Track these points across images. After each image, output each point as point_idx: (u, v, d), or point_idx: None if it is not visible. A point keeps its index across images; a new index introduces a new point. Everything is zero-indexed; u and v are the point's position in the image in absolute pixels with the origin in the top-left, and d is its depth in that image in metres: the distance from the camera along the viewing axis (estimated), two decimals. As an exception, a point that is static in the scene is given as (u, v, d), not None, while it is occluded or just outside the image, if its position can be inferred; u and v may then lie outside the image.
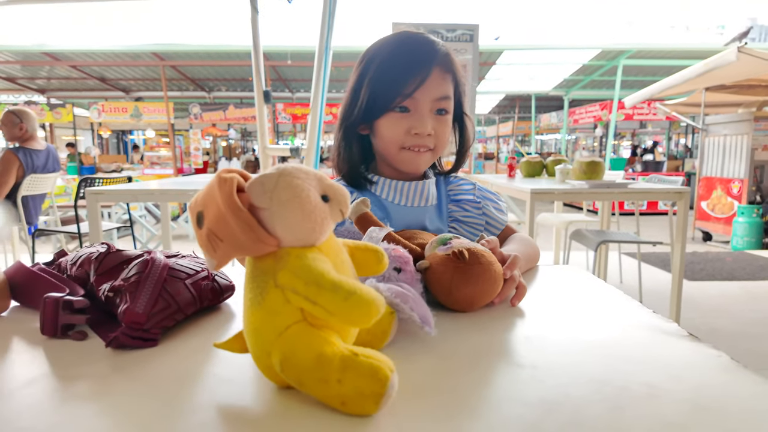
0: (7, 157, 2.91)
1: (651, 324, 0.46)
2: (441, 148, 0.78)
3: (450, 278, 0.48)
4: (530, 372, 0.36)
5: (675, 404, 0.32)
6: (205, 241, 0.31)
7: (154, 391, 0.34)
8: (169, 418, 0.30)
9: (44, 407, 0.32)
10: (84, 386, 0.35)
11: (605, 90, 9.71)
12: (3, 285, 0.50)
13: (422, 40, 0.76)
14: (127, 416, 0.30)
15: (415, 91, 0.72)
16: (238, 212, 0.29)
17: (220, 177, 0.31)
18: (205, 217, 0.31)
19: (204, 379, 0.36)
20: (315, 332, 0.31)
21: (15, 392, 0.34)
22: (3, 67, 8.26)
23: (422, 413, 0.31)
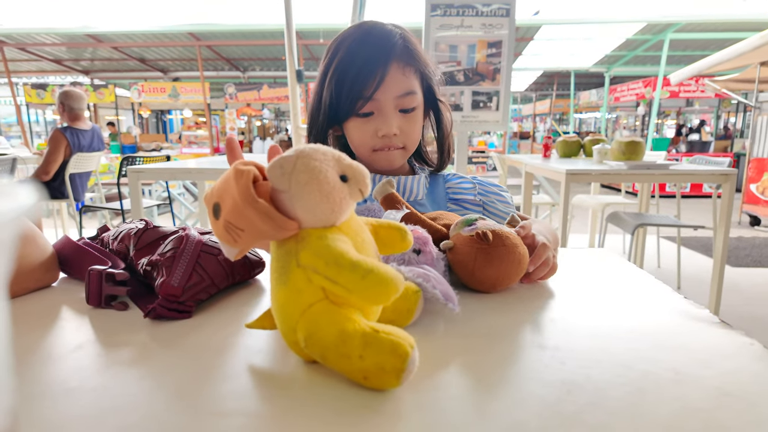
0: (55, 137, 3.05)
1: (682, 310, 0.45)
2: (412, 144, 0.76)
3: (473, 259, 0.48)
4: (552, 353, 0.36)
5: (701, 390, 0.31)
6: (223, 231, 0.32)
7: (190, 359, 0.36)
8: (204, 384, 0.32)
9: (90, 370, 0.34)
10: (125, 353, 0.37)
11: (649, 66, 9.25)
12: (52, 258, 0.53)
13: (377, 35, 0.72)
14: (165, 381, 0.33)
15: (375, 93, 0.70)
16: (255, 204, 0.30)
17: (237, 169, 0.31)
18: (222, 208, 0.32)
19: (236, 349, 0.37)
20: (337, 310, 0.32)
21: (64, 356, 0.36)
22: (50, 49, 8.58)
23: (442, 389, 0.32)
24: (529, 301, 0.49)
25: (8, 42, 7.98)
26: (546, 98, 13.63)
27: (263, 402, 0.30)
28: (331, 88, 0.72)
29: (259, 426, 0.28)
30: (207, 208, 0.34)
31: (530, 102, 14.64)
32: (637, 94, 8.84)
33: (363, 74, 0.70)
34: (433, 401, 0.30)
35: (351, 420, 0.28)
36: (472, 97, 3.63)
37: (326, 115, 0.75)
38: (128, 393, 0.31)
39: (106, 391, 0.32)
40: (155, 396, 0.31)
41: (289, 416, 0.29)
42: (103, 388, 0.32)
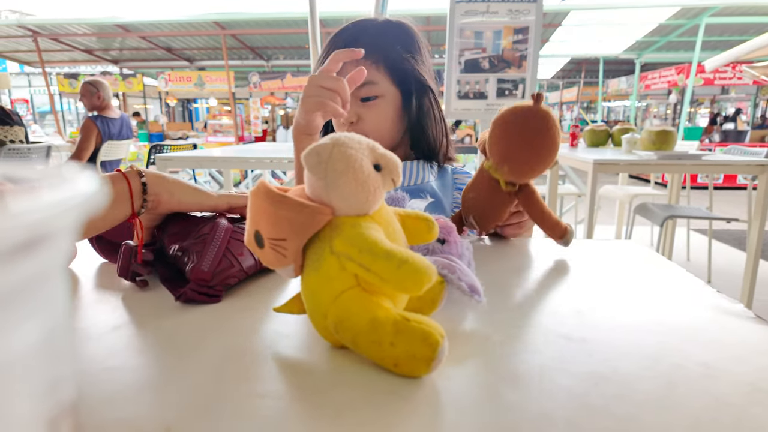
0: (87, 125, 3.14)
1: (714, 304, 0.44)
2: (375, 132, 0.79)
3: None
4: (579, 345, 0.36)
5: (732, 385, 0.31)
6: (271, 254, 0.33)
7: (220, 342, 0.37)
8: (234, 366, 0.33)
9: (128, 350, 0.36)
10: (159, 335, 0.38)
11: (683, 52, 8.91)
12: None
13: (345, 29, 0.78)
14: (196, 363, 0.34)
15: None
16: (283, 199, 0.31)
17: (252, 191, 0.33)
18: (261, 233, 0.33)
19: (264, 333, 0.38)
20: (368, 297, 0.33)
21: (103, 336, 0.38)
22: (81, 39, 8.80)
23: (470, 379, 0.32)
24: (554, 292, 0.49)
25: (42, 32, 8.20)
26: (573, 86, 13.31)
27: (291, 385, 0.31)
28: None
29: (290, 407, 0.29)
30: (251, 247, 0.34)
31: (557, 90, 14.32)
32: (669, 82, 8.56)
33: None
34: (462, 390, 0.31)
35: (380, 403, 0.29)
36: (497, 84, 3.57)
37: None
38: (162, 373, 0.33)
39: (143, 371, 0.33)
40: (187, 376, 0.32)
41: (315, 399, 0.30)
42: (140, 367, 0.34)
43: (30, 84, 13.88)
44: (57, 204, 0.11)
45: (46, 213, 0.11)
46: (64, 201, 0.11)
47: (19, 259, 0.11)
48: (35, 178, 0.14)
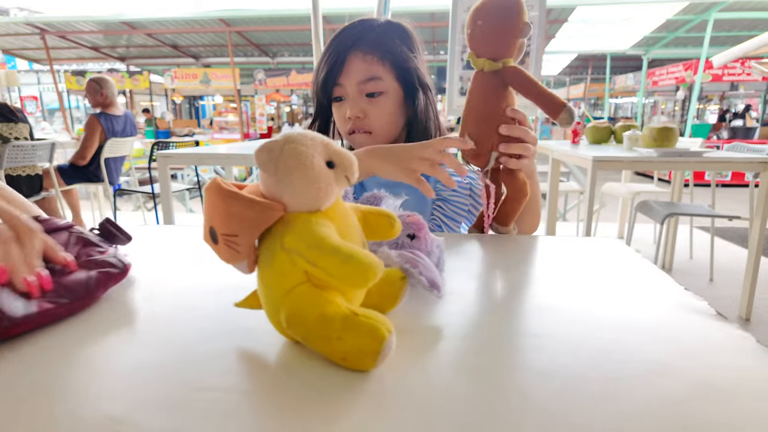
0: (91, 122, 3.17)
1: (679, 301, 0.44)
2: (379, 128, 0.83)
3: None
4: (532, 341, 0.36)
5: (681, 381, 0.31)
6: (225, 249, 0.34)
7: (179, 336, 0.37)
8: (189, 360, 0.34)
9: (83, 342, 0.37)
10: (121, 328, 0.39)
11: (691, 48, 8.80)
12: None
13: (349, 27, 0.80)
14: (152, 355, 0.34)
15: (338, 78, 0.79)
16: (234, 195, 0.32)
17: (206, 187, 0.33)
18: (215, 229, 0.33)
19: (224, 327, 0.39)
20: (319, 293, 0.33)
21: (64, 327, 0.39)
22: (88, 36, 8.86)
23: (418, 372, 0.32)
24: (521, 288, 0.49)
25: (49, 30, 8.27)
26: (580, 82, 13.21)
27: (243, 378, 0.32)
28: (315, 77, 0.84)
29: (236, 401, 0.29)
30: (207, 241, 0.35)
31: (564, 86, 14.21)
32: (676, 78, 8.47)
33: (330, 62, 0.79)
34: (410, 383, 0.31)
35: (327, 397, 0.29)
36: (500, 81, 3.53)
37: (317, 104, 0.86)
38: (116, 367, 0.33)
39: (95, 363, 0.34)
40: (141, 370, 0.33)
41: (267, 392, 0.30)
42: (93, 359, 0.34)
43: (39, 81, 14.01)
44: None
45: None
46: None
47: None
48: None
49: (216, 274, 0.51)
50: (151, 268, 0.55)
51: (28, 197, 2.75)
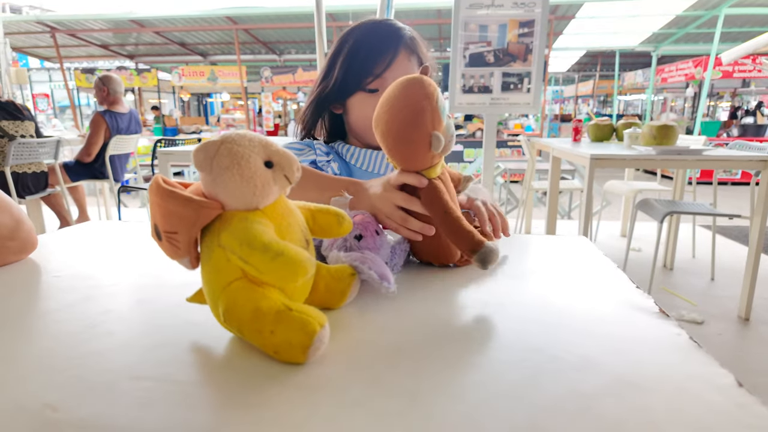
0: (96, 120, 3.21)
1: (625, 299, 0.45)
2: None
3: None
4: (468, 334, 0.38)
5: (598, 376, 0.32)
6: (168, 246, 0.35)
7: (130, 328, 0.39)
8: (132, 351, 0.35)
9: (37, 334, 0.38)
10: (75, 319, 0.41)
11: (702, 44, 8.68)
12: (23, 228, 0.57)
13: (390, 25, 0.82)
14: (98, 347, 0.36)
15: (384, 71, 0.79)
16: (171, 194, 0.33)
17: (149, 186, 0.35)
18: (158, 226, 0.35)
19: (175, 321, 0.40)
20: (254, 288, 0.34)
21: (41, 318, 0.41)
22: (98, 35, 8.95)
23: (349, 364, 0.34)
24: (472, 284, 0.50)
25: (60, 29, 8.37)
26: (589, 79, 13.09)
27: (179, 369, 0.33)
28: (345, 66, 0.81)
29: (163, 389, 0.30)
30: (154, 241, 0.36)
31: (572, 83, 14.09)
32: (686, 75, 8.36)
33: (375, 53, 0.79)
34: (339, 376, 0.32)
35: (254, 389, 0.31)
36: (502, 78, 3.55)
37: (334, 89, 0.83)
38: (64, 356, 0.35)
39: (48, 353, 0.35)
40: (86, 360, 0.34)
41: (198, 383, 0.31)
42: (49, 350, 0.36)
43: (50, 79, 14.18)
44: None
45: None
46: None
47: None
48: None
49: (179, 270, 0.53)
50: (113, 264, 0.57)
51: (33, 194, 2.80)
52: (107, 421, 0.28)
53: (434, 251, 0.54)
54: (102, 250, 0.63)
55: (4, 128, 2.61)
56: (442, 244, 0.53)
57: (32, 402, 0.29)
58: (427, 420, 0.27)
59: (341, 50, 0.82)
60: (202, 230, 0.35)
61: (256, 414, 0.28)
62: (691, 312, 2.17)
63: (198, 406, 0.29)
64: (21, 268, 0.55)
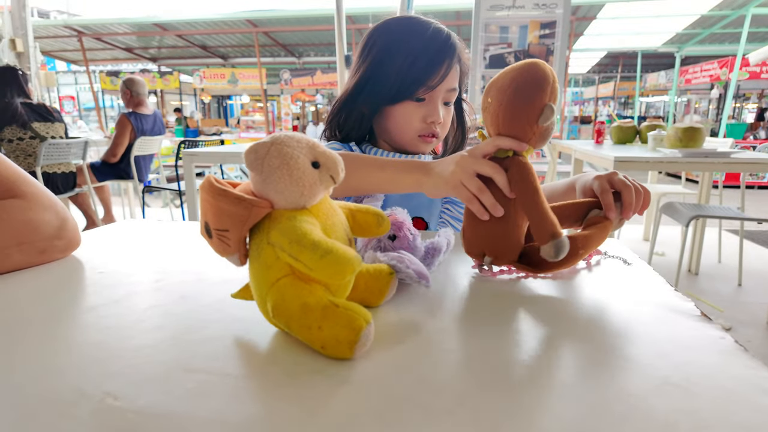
0: (121, 121, 3.29)
1: (666, 302, 0.45)
2: (444, 134, 0.85)
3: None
4: (510, 334, 0.38)
5: (643, 378, 0.32)
6: (218, 243, 0.36)
7: (178, 323, 0.40)
8: (184, 344, 0.36)
9: (94, 329, 0.40)
10: (128, 317, 0.42)
11: (727, 45, 8.49)
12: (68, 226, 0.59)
13: (440, 32, 0.79)
14: (151, 339, 0.37)
15: (439, 83, 0.77)
16: (223, 192, 0.34)
17: (201, 185, 0.36)
18: (209, 224, 0.36)
19: (220, 315, 0.42)
20: (301, 285, 0.35)
21: (78, 316, 0.42)
22: (122, 38, 9.16)
23: (394, 361, 0.34)
24: (508, 285, 0.50)
25: (86, 32, 8.58)
26: (610, 81, 12.90)
27: (229, 362, 0.34)
28: (395, 73, 0.77)
29: (216, 381, 0.32)
30: (204, 238, 0.38)
31: (593, 85, 13.91)
32: (711, 76, 8.19)
33: (431, 66, 0.76)
34: (385, 372, 0.33)
35: (303, 383, 0.32)
36: (522, 80, 3.50)
37: (374, 93, 0.80)
38: (117, 348, 0.36)
39: (100, 345, 0.37)
40: (139, 352, 0.36)
41: (247, 376, 0.32)
42: (102, 343, 0.37)
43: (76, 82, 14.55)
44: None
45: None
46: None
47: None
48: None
49: (218, 267, 0.54)
50: (152, 261, 0.59)
51: (62, 193, 2.88)
52: (165, 409, 0.29)
53: (491, 241, 0.50)
54: (139, 248, 0.65)
55: (36, 130, 2.69)
56: (502, 233, 0.50)
57: (93, 390, 0.31)
58: (476, 418, 0.28)
59: (385, 55, 0.78)
60: (250, 228, 0.37)
61: (307, 406, 0.29)
62: (717, 318, 2.13)
63: (250, 398, 0.30)
64: (66, 264, 0.57)
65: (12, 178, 0.55)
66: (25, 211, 0.54)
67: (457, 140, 0.91)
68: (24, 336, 0.38)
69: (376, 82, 0.79)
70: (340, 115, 0.85)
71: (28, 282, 0.51)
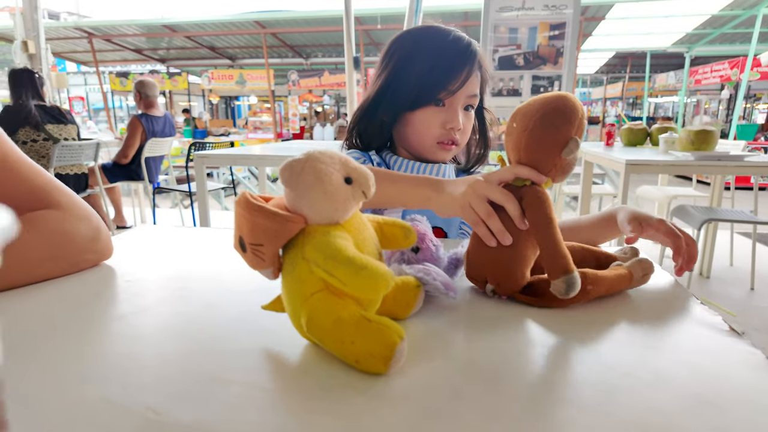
0: (133, 123, 3.32)
1: (693, 316, 0.45)
2: (464, 141, 0.84)
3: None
4: (539, 349, 0.38)
5: (674, 393, 0.32)
6: (252, 257, 0.37)
7: (209, 334, 0.41)
8: (217, 356, 0.37)
9: (127, 338, 0.41)
10: (155, 326, 0.43)
11: (738, 45, 8.41)
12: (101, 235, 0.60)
13: (461, 39, 0.79)
14: (183, 349, 0.38)
15: (459, 88, 0.77)
16: (259, 208, 0.35)
17: (236, 200, 0.36)
18: (244, 238, 0.36)
19: (251, 327, 0.42)
20: (335, 299, 0.36)
21: (108, 325, 0.43)
22: (131, 39, 9.23)
23: (428, 376, 0.35)
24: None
25: (96, 34, 8.66)
26: (618, 81, 12.83)
27: (263, 375, 0.35)
28: (416, 78, 0.78)
29: (253, 395, 0.32)
30: (237, 252, 0.38)
31: (601, 85, 13.84)
32: (721, 77, 8.12)
33: (452, 70, 0.77)
34: (418, 386, 0.33)
35: (338, 398, 0.32)
36: (532, 81, 3.51)
37: (395, 99, 0.80)
38: (150, 358, 0.37)
39: (133, 356, 0.38)
40: (172, 363, 0.36)
41: (283, 390, 0.33)
42: (134, 353, 0.38)
43: (86, 82, 14.68)
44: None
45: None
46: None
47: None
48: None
49: (241, 276, 0.55)
50: (180, 268, 0.60)
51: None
52: (206, 424, 0.29)
53: (495, 268, 0.48)
54: (162, 255, 0.66)
55: (49, 131, 2.72)
56: (508, 262, 0.48)
57: (133, 404, 0.31)
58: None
59: (407, 59, 0.79)
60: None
61: (343, 421, 0.29)
62: (730, 323, 2.11)
63: (287, 411, 0.31)
64: (94, 271, 0.58)
65: (47, 188, 0.56)
66: (60, 223, 0.55)
67: (480, 149, 0.91)
68: (57, 345, 0.39)
69: (397, 88, 0.80)
70: (361, 123, 0.85)
71: (58, 289, 0.52)
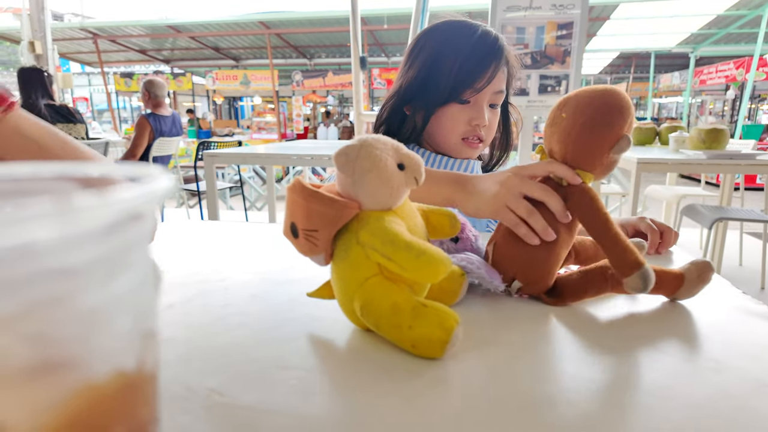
0: (141, 123, 3.33)
1: (738, 305, 0.45)
2: (490, 138, 0.83)
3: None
4: (592, 336, 0.38)
5: (738, 379, 0.32)
6: (305, 243, 0.37)
7: (258, 322, 0.41)
8: (272, 342, 0.37)
9: (181, 325, 0.41)
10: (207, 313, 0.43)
11: (744, 45, 8.39)
12: None
13: (488, 34, 0.78)
14: (237, 339, 0.38)
15: (485, 86, 0.77)
16: (315, 194, 0.35)
17: (289, 187, 0.36)
18: (297, 224, 0.36)
19: (297, 315, 0.42)
20: (390, 284, 0.36)
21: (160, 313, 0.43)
22: (136, 40, 9.26)
23: (482, 361, 0.35)
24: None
25: (101, 34, 8.69)
26: (622, 81, 12.82)
27: (321, 360, 0.35)
28: (442, 74, 0.78)
29: (314, 378, 0.32)
30: (288, 237, 0.38)
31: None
32: (726, 77, 8.10)
33: (479, 67, 0.77)
34: (475, 373, 0.33)
35: (399, 382, 0.32)
36: (539, 81, 3.51)
37: (422, 94, 0.80)
38: (207, 345, 0.37)
39: (191, 342, 0.38)
40: (229, 349, 0.36)
41: (343, 373, 0.33)
42: (190, 339, 0.38)
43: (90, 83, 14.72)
44: (146, 194, 0.15)
45: (139, 200, 0.15)
46: (150, 192, 0.15)
47: (120, 230, 0.15)
48: (136, 175, 0.19)
49: (279, 267, 0.55)
50: (211, 260, 0.60)
51: (84, 193, 2.92)
52: (271, 406, 0.29)
53: (527, 266, 0.45)
54: (194, 247, 0.66)
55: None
56: (543, 261, 0.45)
57: (197, 386, 0.31)
58: (585, 419, 0.28)
59: (434, 56, 0.79)
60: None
61: (407, 405, 0.29)
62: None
63: (351, 394, 0.31)
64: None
65: (85, 157, 0.56)
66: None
67: (503, 145, 0.91)
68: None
69: (425, 85, 0.80)
70: (390, 118, 0.85)
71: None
